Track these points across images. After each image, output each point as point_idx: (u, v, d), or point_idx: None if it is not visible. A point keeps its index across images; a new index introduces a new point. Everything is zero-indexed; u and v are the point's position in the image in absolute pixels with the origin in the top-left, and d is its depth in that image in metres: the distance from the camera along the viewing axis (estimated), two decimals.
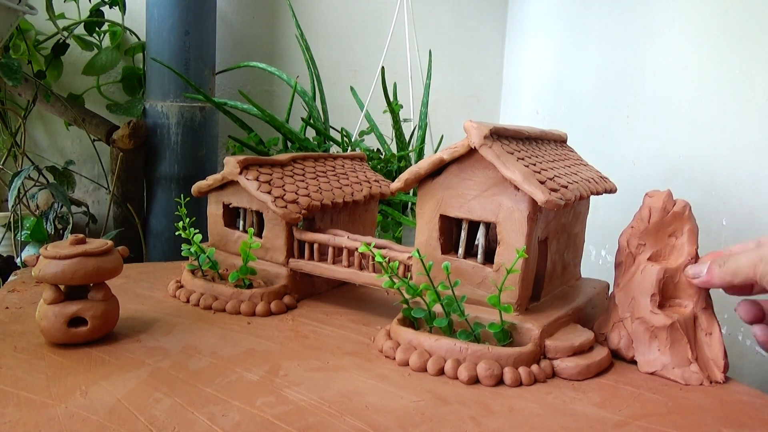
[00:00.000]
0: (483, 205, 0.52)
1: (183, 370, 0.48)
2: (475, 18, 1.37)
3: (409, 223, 0.92)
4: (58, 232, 1.01)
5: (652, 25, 0.86)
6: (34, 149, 1.14)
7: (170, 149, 1.07)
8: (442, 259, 0.54)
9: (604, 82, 0.99)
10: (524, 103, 1.31)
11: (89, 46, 1.11)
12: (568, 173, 0.55)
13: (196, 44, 1.06)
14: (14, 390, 0.43)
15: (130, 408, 0.41)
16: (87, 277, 0.50)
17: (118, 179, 1.06)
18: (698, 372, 0.49)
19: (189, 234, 0.63)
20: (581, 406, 0.45)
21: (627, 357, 0.53)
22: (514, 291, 0.51)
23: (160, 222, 1.09)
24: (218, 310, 0.62)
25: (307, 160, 0.72)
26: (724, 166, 0.71)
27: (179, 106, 1.06)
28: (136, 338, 0.54)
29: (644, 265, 0.52)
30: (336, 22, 1.29)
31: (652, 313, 0.51)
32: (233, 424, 0.40)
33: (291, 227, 0.64)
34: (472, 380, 0.48)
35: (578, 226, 0.61)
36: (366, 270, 0.60)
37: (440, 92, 1.33)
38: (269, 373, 0.48)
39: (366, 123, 1.07)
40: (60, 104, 1.05)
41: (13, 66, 0.93)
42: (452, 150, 0.52)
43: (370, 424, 0.41)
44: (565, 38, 1.12)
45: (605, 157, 0.93)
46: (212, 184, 0.67)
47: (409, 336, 0.52)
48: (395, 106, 0.98)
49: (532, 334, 0.50)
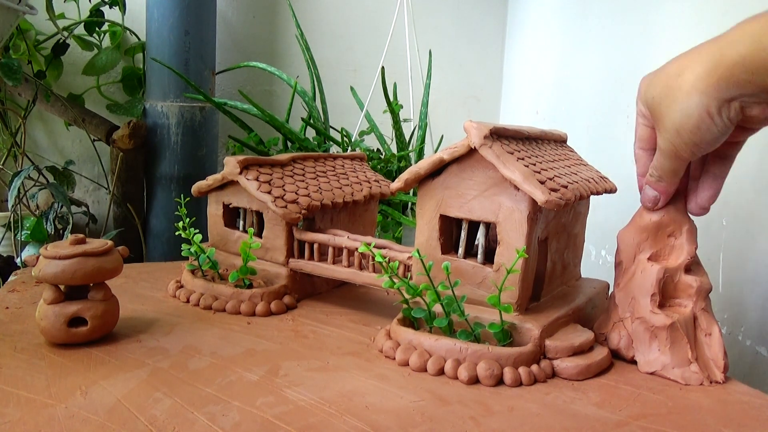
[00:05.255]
0: (483, 205, 0.52)
1: (183, 370, 0.48)
2: (475, 18, 1.37)
3: (409, 223, 0.92)
4: (58, 232, 1.01)
5: (652, 25, 0.86)
6: (34, 149, 1.14)
7: (170, 149, 1.07)
8: (442, 259, 0.54)
9: (604, 82, 0.99)
10: (524, 103, 1.31)
11: (89, 46, 1.11)
12: (568, 173, 0.55)
13: (196, 44, 1.06)
14: (14, 390, 0.43)
15: (130, 408, 0.41)
16: (87, 277, 0.50)
17: (118, 179, 1.06)
18: (698, 372, 0.49)
19: (189, 234, 0.63)
20: (581, 406, 0.45)
21: (627, 357, 0.53)
22: (514, 291, 0.51)
23: (160, 222, 1.09)
24: (218, 310, 0.62)
25: (307, 160, 0.72)
26: None
27: (179, 106, 1.06)
28: (136, 338, 0.54)
29: (644, 265, 0.52)
30: (336, 22, 1.29)
31: (652, 313, 0.51)
32: (233, 424, 0.40)
33: (291, 227, 0.64)
34: (472, 380, 0.48)
35: (578, 226, 0.61)
36: (366, 270, 0.60)
37: (440, 92, 1.33)
38: (269, 373, 0.48)
39: (366, 123, 1.07)
40: (60, 104, 1.05)
41: (13, 66, 0.93)
42: (452, 150, 0.52)
43: (370, 424, 0.41)
44: (565, 38, 1.12)
45: (605, 157, 0.93)
46: (212, 184, 0.67)
47: (409, 336, 0.52)
48: (395, 106, 0.98)
49: (532, 334, 0.50)
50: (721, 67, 0.42)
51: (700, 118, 0.45)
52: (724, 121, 0.44)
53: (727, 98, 0.43)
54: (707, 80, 0.43)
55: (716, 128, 0.45)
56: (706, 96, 0.44)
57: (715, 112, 0.44)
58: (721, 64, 0.42)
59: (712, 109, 0.44)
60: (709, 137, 0.46)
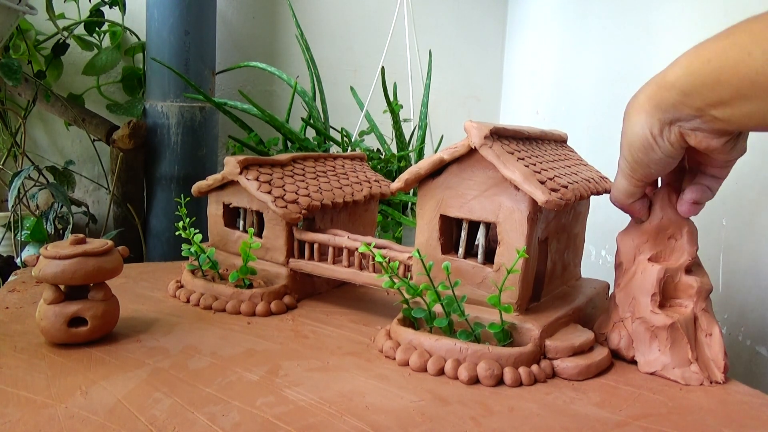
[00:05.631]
0: (483, 205, 0.52)
1: (183, 370, 0.48)
2: (475, 18, 1.37)
3: (409, 223, 0.92)
4: (58, 232, 1.01)
5: (652, 25, 0.86)
6: (34, 149, 1.14)
7: (170, 149, 1.07)
8: (442, 259, 0.54)
9: (604, 82, 0.99)
10: (524, 103, 1.31)
11: (89, 46, 1.11)
12: (568, 173, 0.55)
13: (196, 44, 1.06)
14: (14, 390, 0.43)
15: (130, 408, 0.41)
16: (87, 277, 0.50)
17: (118, 179, 1.06)
18: (698, 372, 0.49)
19: (189, 234, 0.63)
20: (581, 406, 0.45)
21: (627, 357, 0.53)
22: (514, 291, 0.51)
23: (160, 222, 1.09)
24: (218, 310, 0.62)
25: (307, 160, 0.72)
26: None
27: (179, 106, 1.06)
28: (136, 338, 0.54)
29: (645, 265, 0.52)
30: (336, 22, 1.29)
31: (652, 313, 0.51)
32: (233, 424, 0.40)
33: (291, 227, 0.64)
34: (472, 380, 0.48)
35: (578, 226, 0.61)
36: (366, 270, 0.60)
37: (440, 92, 1.33)
38: (269, 373, 0.48)
39: (366, 123, 1.07)
40: (60, 104, 1.05)
41: (13, 66, 0.93)
42: (452, 150, 0.52)
43: (370, 424, 0.41)
44: (565, 38, 1.12)
45: (605, 157, 0.93)
46: (212, 184, 0.67)
47: (409, 336, 0.52)
48: (395, 106, 0.98)
49: (532, 334, 0.50)
50: (662, 88, 0.44)
51: (644, 137, 0.46)
52: (666, 144, 0.46)
53: (667, 121, 0.45)
54: (651, 101, 0.45)
55: (660, 149, 0.46)
56: (650, 116, 0.45)
57: (657, 133, 0.45)
58: (662, 86, 0.44)
59: (655, 130, 0.45)
60: (655, 158, 0.47)
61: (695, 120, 0.43)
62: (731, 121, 0.41)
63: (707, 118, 0.42)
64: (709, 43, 0.41)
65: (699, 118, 0.43)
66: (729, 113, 0.41)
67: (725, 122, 0.42)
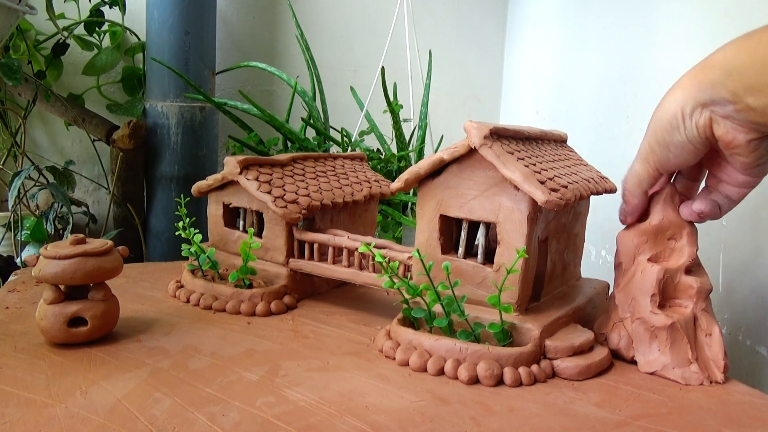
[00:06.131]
0: (483, 205, 0.52)
1: (183, 370, 0.48)
2: (475, 18, 1.37)
3: (409, 223, 0.92)
4: (58, 232, 1.01)
5: (652, 25, 0.86)
6: (34, 149, 1.14)
7: (170, 149, 1.07)
8: (442, 259, 0.54)
9: (604, 82, 0.99)
10: (524, 103, 1.31)
11: (89, 46, 1.11)
12: (568, 173, 0.55)
13: (196, 44, 1.06)
14: (14, 390, 0.43)
15: (130, 408, 0.41)
16: (87, 277, 0.50)
17: (118, 179, 1.06)
18: (698, 372, 0.49)
19: (189, 234, 0.63)
20: (581, 406, 0.45)
21: (627, 357, 0.53)
22: (514, 291, 0.51)
23: (160, 222, 1.09)
24: (218, 310, 0.62)
25: (307, 160, 0.72)
26: None
27: (179, 106, 1.06)
28: (136, 338, 0.54)
29: (644, 266, 0.52)
30: (336, 22, 1.29)
31: (652, 314, 0.51)
32: (233, 424, 0.40)
33: (291, 227, 0.64)
34: (472, 380, 0.48)
35: (578, 226, 0.61)
36: (366, 270, 0.60)
37: (440, 92, 1.33)
38: (269, 373, 0.48)
39: (366, 123, 1.07)
40: (60, 104, 1.05)
41: (13, 66, 0.93)
42: (452, 150, 0.52)
43: (370, 424, 0.41)
44: (565, 38, 1.12)
45: (605, 157, 0.93)
46: (212, 184, 0.67)
47: (409, 336, 0.52)
48: (395, 106, 0.98)
49: (532, 334, 0.50)
50: (705, 68, 0.44)
51: (674, 115, 0.46)
52: (692, 127, 0.45)
53: (701, 101, 0.44)
54: (692, 79, 0.45)
55: (684, 131, 0.46)
56: (686, 93, 0.45)
57: (688, 113, 0.45)
58: (706, 65, 0.44)
59: (687, 109, 0.45)
60: (678, 139, 0.47)
61: (729, 106, 0.43)
62: (765, 112, 0.41)
63: (741, 106, 0.42)
64: (764, 28, 0.42)
65: (733, 105, 0.43)
66: (764, 103, 0.41)
67: (758, 113, 0.42)
